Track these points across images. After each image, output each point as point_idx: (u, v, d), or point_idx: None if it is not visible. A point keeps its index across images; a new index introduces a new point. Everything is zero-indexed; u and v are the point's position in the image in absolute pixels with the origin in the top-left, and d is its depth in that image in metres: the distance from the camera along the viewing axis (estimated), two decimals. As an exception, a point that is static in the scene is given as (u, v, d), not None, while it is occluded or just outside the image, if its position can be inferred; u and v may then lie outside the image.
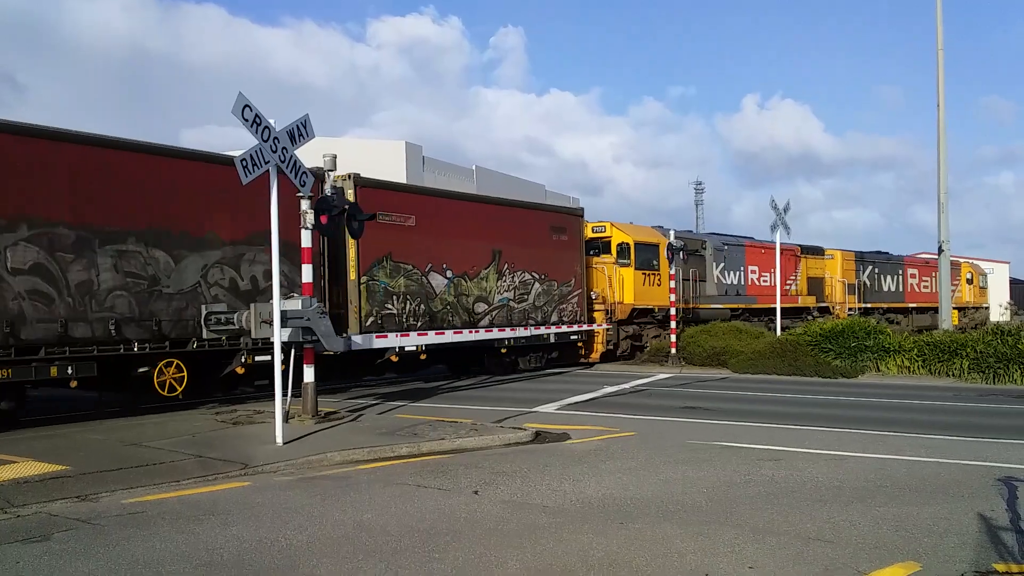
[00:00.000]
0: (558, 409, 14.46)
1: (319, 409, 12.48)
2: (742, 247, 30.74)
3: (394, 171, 36.81)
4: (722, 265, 29.28)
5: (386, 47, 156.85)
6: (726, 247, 29.72)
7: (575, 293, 22.58)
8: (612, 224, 25.27)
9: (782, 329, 26.08)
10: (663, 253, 24.93)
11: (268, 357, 13.66)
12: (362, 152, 37.53)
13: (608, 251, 24.72)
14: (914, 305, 40.77)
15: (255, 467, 9.19)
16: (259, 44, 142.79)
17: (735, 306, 29.51)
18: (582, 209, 24.19)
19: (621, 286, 24.47)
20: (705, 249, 28.59)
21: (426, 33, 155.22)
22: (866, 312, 35.21)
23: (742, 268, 30.43)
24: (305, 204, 11.72)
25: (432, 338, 18.01)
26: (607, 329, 23.83)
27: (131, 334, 13.11)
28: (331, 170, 12.60)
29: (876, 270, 38.67)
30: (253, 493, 8.13)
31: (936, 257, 27.53)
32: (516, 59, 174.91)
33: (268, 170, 10.46)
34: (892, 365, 21.09)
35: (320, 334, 11.75)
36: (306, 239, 11.82)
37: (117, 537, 6.53)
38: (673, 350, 23.69)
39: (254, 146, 10.26)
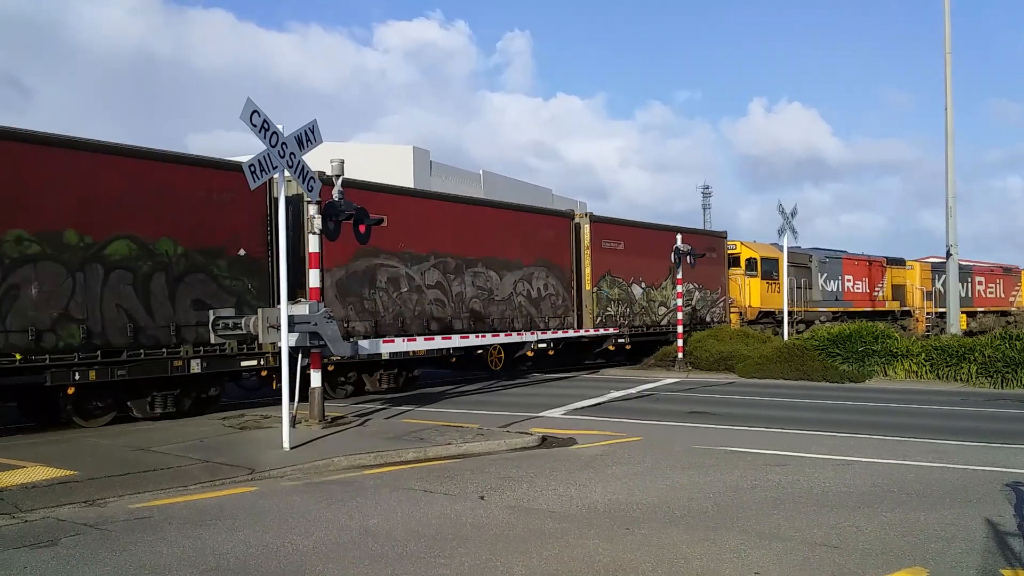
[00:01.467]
0: (564, 414, 14.45)
1: (326, 414, 12.51)
2: (840, 260, 35.41)
3: (401, 176, 36.88)
4: (825, 275, 33.77)
5: (393, 51, 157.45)
6: (827, 260, 34.21)
7: (721, 299, 28.42)
8: (741, 242, 30.72)
9: None
10: (781, 266, 29.47)
11: (544, 345, 21.31)
12: (370, 157, 37.61)
13: (738, 264, 29.75)
14: (981, 309, 44.87)
15: (262, 472, 9.21)
16: (266, 49, 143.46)
17: (835, 309, 33.62)
18: (725, 232, 29.52)
19: (749, 293, 29.63)
20: (811, 262, 33.21)
21: (433, 37, 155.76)
22: (941, 315, 39.32)
23: (839, 277, 35.10)
24: (312, 209, 11.75)
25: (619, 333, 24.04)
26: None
27: (479, 328, 19.24)
28: (339, 175, 12.61)
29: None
30: (260, 498, 8.16)
31: (1001, 266, 27.83)
32: (523, 63, 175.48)
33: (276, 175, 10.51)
34: (900, 370, 21.00)
35: (327, 339, 11.76)
36: (313, 244, 11.85)
37: (124, 542, 6.56)
38: (680, 355, 23.66)
39: (262, 152, 10.30)
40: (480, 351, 19.87)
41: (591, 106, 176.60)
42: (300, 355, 12.12)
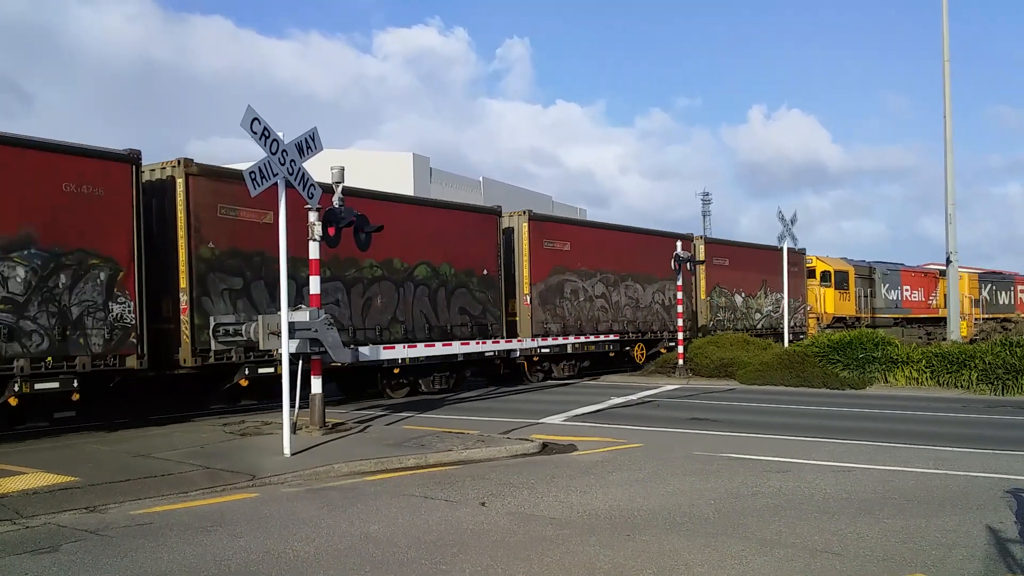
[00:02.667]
0: (565, 420, 14.45)
1: (327, 420, 12.51)
2: (898, 271, 39.69)
3: (401, 183, 36.93)
4: (887, 285, 37.97)
5: (392, 58, 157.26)
6: (889, 272, 38.34)
7: (802, 306, 32.63)
8: (816, 257, 34.92)
9: (928, 336, 35.11)
10: (851, 277, 34.83)
11: (673, 343, 24.61)
12: (370, 164, 37.68)
13: (813, 276, 33.85)
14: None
15: (263, 478, 9.22)
16: (265, 55, 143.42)
17: (896, 316, 37.78)
18: (804, 249, 33.13)
19: (824, 301, 33.95)
20: (875, 273, 37.26)
21: (432, 44, 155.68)
22: (987, 321, 43.72)
23: (899, 287, 39.35)
24: (313, 216, 11.76)
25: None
26: (816, 331, 31.93)
27: (629, 329, 24.49)
28: (339, 182, 12.62)
29: (993, 287, 46.47)
30: (260, 504, 8.16)
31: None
32: (522, 70, 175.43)
33: (277, 183, 10.53)
34: (900, 376, 20.98)
35: (328, 345, 11.78)
36: (313, 251, 11.85)
37: (125, 548, 6.56)
38: (680, 361, 23.68)
39: (263, 159, 10.33)
40: (628, 348, 24.67)
41: (590, 113, 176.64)
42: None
